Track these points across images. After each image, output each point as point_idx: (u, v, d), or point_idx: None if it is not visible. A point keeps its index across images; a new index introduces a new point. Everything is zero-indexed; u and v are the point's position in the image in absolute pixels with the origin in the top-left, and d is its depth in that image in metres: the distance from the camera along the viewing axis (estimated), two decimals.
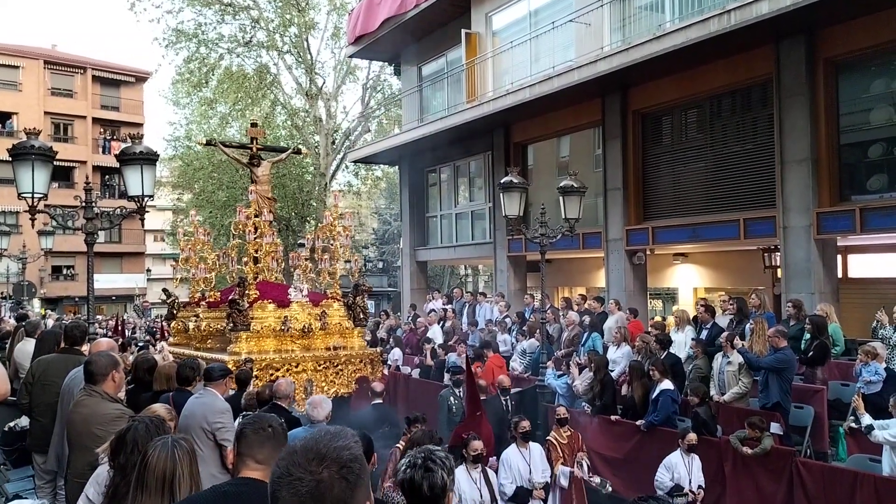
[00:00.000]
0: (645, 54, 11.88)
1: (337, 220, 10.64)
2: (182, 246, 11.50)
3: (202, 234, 11.33)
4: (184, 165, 30.82)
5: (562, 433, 8.13)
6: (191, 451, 2.92)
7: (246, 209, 10.76)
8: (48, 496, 5.82)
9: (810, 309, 9.97)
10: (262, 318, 9.63)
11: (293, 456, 1.63)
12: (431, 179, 21.33)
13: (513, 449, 7.47)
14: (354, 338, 10.39)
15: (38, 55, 38.99)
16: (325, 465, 1.60)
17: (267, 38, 28.68)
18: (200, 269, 11.02)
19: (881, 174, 10.83)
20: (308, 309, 10.05)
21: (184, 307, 11.54)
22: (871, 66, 11.01)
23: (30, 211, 7.70)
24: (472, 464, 6.48)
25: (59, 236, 23.40)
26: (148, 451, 2.87)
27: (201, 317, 10.45)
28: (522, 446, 7.47)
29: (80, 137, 39.64)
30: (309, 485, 1.57)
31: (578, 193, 11.36)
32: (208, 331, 10.20)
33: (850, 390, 8.47)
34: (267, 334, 9.54)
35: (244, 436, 2.77)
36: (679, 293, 16.69)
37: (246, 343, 9.30)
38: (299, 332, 9.72)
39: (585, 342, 11.34)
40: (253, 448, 2.73)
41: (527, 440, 7.53)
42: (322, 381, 9.60)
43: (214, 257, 11.19)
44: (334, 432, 1.72)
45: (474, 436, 6.61)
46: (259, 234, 10.45)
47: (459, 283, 32.00)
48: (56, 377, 6.02)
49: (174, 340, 11.34)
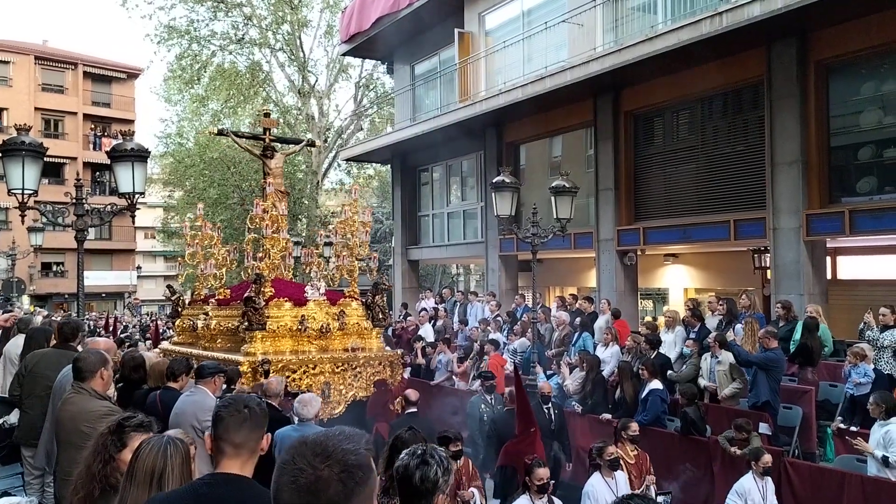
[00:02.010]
0: (637, 55, 11.91)
1: (356, 215, 10.11)
2: (188, 241, 11.12)
3: (209, 229, 10.95)
4: (175, 162, 30.71)
5: (629, 451, 7.03)
6: (185, 452, 2.88)
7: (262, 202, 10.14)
8: (37, 493, 5.80)
9: (799, 310, 10.03)
10: (279, 317, 9.17)
11: (302, 447, 1.66)
12: (423, 178, 21.33)
13: (597, 479, 6.42)
14: (373, 339, 9.94)
15: (29, 51, 38.78)
16: (328, 463, 1.61)
17: (259, 36, 28.66)
18: (209, 266, 10.61)
19: (870, 176, 10.90)
20: (326, 308, 9.60)
21: (189, 305, 11.16)
22: (862, 69, 11.07)
23: (20, 207, 7.67)
24: (536, 494, 5.90)
25: (49, 233, 23.26)
26: (141, 446, 2.87)
27: (211, 315, 10.02)
28: (608, 475, 6.42)
29: (70, 134, 39.46)
30: (308, 478, 1.59)
31: (570, 193, 11.38)
32: (218, 330, 9.78)
33: (839, 391, 8.55)
34: (283, 334, 9.10)
35: (220, 419, 2.64)
36: (669, 294, 16.75)
37: (262, 343, 8.86)
38: (317, 332, 9.27)
39: (576, 342, 11.37)
40: (229, 431, 2.60)
41: (614, 468, 6.46)
42: (340, 383, 9.18)
43: (224, 252, 10.80)
44: (348, 434, 1.72)
45: (539, 461, 6.01)
46: (276, 228, 9.96)
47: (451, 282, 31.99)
48: (48, 370, 6.01)
49: (179, 339, 10.93)
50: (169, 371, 6.19)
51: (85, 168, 37.63)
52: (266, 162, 10.64)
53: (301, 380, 8.76)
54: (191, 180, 29.63)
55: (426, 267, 29.12)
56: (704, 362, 9.18)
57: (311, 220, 29.50)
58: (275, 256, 9.87)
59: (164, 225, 36.84)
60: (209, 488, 2.48)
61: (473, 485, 6.09)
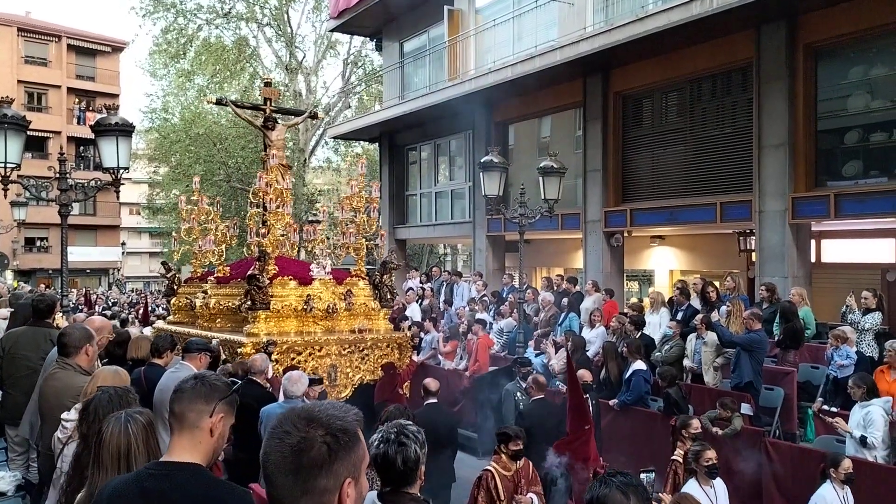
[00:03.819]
0: (627, 35, 11.87)
1: (363, 189, 9.71)
2: (184, 216, 10.72)
3: (206, 203, 10.54)
4: (160, 138, 30.44)
5: None
6: (147, 425, 2.81)
7: (266, 175, 9.77)
8: (20, 469, 5.78)
9: (783, 292, 10.12)
10: (283, 297, 8.78)
11: (290, 412, 1.72)
12: (412, 157, 21.24)
13: (693, 486, 5.43)
14: (381, 320, 9.58)
15: (11, 22, 38.11)
16: (313, 426, 1.66)
17: (246, 10, 28.33)
18: (207, 242, 10.18)
19: (856, 161, 10.96)
20: (332, 287, 9.22)
21: (186, 282, 10.79)
22: (851, 53, 11.09)
23: (2, 181, 7.61)
24: (705, 478, 5.37)
25: (33, 207, 23.04)
26: (103, 427, 2.80)
27: (210, 293, 9.65)
28: (706, 484, 5.44)
29: (54, 107, 38.93)
30: (293, 440, 1.64)
31: (558, 174, 11.39)
32: (217, 309, 9.40)
33: (820, 373, 8.64)
34: (288, 314, 8.73)
35: (174, 392, 2.40)
36: (655, 275, 16.84)
37: (265, 323, 8.50)
38: (323, 312, 8.91)
39: (562, 322, 11.43)
40: (173, 402, 2.36)
41: (713, 475, 5.50)
42: (346, 366, 8.85)
43: (224, 228, 10.41)
44: (337, 405, 1.77)
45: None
46: (280, 202, 9.64)
47: (438, 261, 31.99)
48: (26, 350, 6.00)
49: (175, 318, 10.55)
50: (153, 347, 6.17)
51: (69, 142, 37.20)
52: (267, 133, 10.26)
53: (306, 362, 8.45)
54: (176, 156, 29.41)
55: (413, 246, 29.10)
56: (689, 343, 9.26)
57: (299, 199, 29.36)
58: (276, 232, 9.50)
59: (150, 201, 36.58)
60: (154, 481, 2.22)
61: (533, 490, 5.55)
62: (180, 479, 2.22)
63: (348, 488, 1.66)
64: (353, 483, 1.68)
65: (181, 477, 2.23)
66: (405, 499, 2.88)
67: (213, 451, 2.40)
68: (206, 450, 2.35)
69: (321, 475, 1.63)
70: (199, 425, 2.33)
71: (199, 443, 2.33)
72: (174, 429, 2.34)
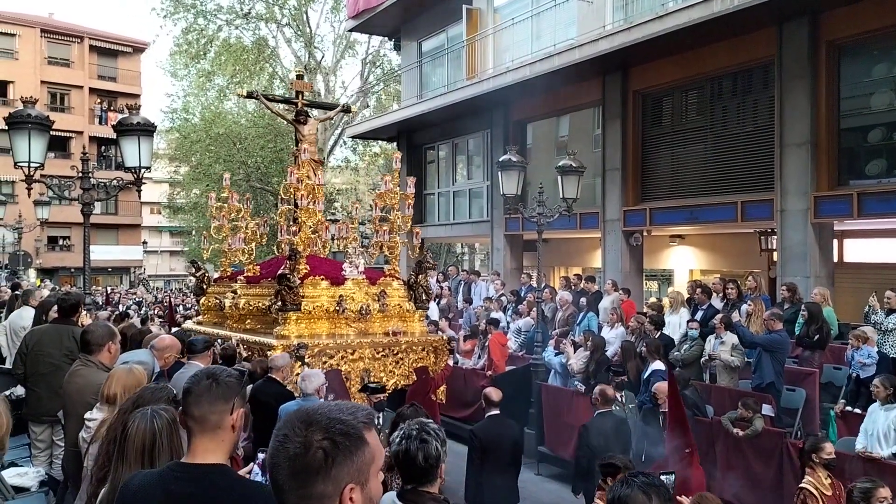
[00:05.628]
0: (647, 34, 11.79)
1: (397, 186, 9.36)
2: (213, 213, 10.52)
3: (237, 201, 10.26)
4: (181, 138, 30.69)
5: (823, 480, 5.36)
6: (172, 421, 2.83)
7: (297, 170, 9.43)
8: (44, 465, 5.86)
9: (805, 292, 10.00)
10: (315, 297, 8.44)
11: (292, 415, 1.66)
12: (430, 157, 21.25)
13: None
14: (415, 322, 9.22)
15: (35, 23, 38.58)
16: (311, 429, 1.60)
17: (266, 10, 28.47)
18: (237, 240, 9.90)
19: (880, 159, 10.81)
20: (365, 288, 8.87)
21: (215, 282, 10.53)
22: (874, 50, 10.95)
23: (26, 180, 7.68)
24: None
25: (56, 207, 23.34)
26: (128, 422, 2.84)
27: (239, 293, 9.34)
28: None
29: (76, 107, 39.36)
30: (291, 444, 1.59)
31: (577, 173, 11.33)
32: (247, 309, 9.07)
33: (843, 374, 8.54)
34: (319, 315, 8.39)
35: (185, 392, 2.37)
36: (675, 275, 16.73)
37: (296, 325, 8.19)
38: (356, 313, 8.56)
39: (581, 321, 11.38)
40: (190, 405, 2.34)
41: None
42: (380, 370, 8.46)
43: (254, 226, 10.11)
44: (343, 405, 1.69)
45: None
46: (312, 199, 9.31)
47: (456, 261, 31.98)
48: (49, 347, 6.07)
49: (205, 318, 10.33)
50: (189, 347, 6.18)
51: (91, 142, 37.58)
52: (298, 128, 10.01)
53: (339, 366, 8.14)
54: (196, 156, 29.63)
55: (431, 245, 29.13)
56: (708, 344, 9.18)
57: None
58: (306, 230, 9.22)
59: (171, 200, 36.87)
60: (178, 485, 2.22)
61: None
62: (205, 483, 2.23)
63: (351, 494, 1.58)
64: (358, 488, 1.60)
65: (205, 481, 2.24)
66: (425, 498, 2.89)
67: (234, 444, 2.46)
68: (228, 447, 2.39)
69: (318, 481, 1.57)
70: (221, 426, 2.34)
71: (221, 441, 2.35)
72: (194, 431, 2.34)
